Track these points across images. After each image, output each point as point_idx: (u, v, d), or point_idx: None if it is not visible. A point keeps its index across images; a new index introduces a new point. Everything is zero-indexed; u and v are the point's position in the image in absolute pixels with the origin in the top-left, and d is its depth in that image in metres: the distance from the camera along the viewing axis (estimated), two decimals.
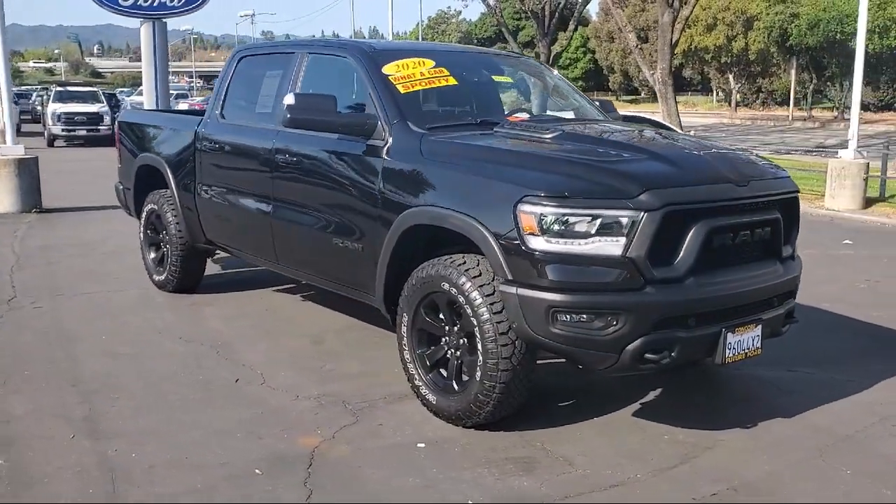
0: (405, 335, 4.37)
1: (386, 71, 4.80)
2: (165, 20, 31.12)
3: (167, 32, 30.15)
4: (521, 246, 3.74)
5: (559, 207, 3.67)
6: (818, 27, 39.71)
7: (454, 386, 4.17)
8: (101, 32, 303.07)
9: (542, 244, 3.70)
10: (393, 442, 4.02)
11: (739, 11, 45.19)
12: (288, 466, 3.73)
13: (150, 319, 6.03)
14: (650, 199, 3.65)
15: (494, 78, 5.56)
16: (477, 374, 3.95)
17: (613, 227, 3.65)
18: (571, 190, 3.70)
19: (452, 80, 4.95)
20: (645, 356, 3.73)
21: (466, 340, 4.09)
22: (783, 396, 4.71)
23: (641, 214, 3.63)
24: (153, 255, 6.98)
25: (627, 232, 3.64)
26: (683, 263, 3.75)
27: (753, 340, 4.03)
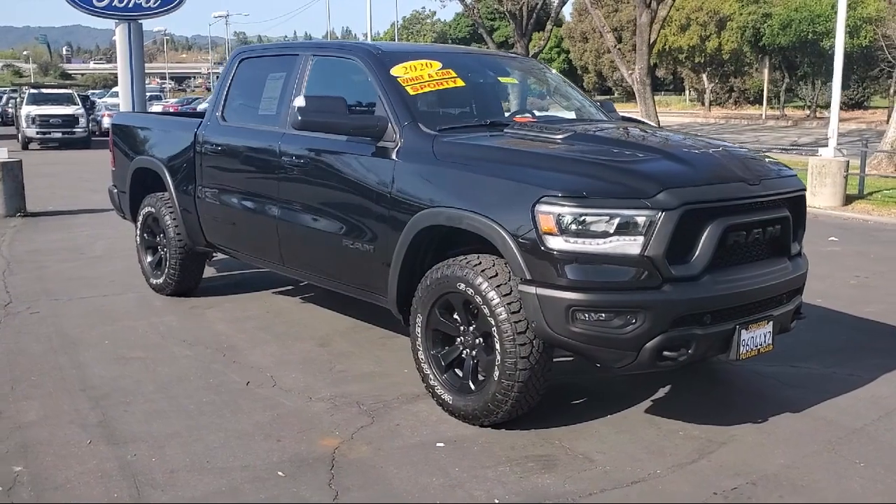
0: (419, 336, 4.39)
1: (394, 73, 4.82)
2: (141, 21, 30.83)
3: (143, 33, 29.83)
4: (539, 246, 3.77)
5: (578, 207, 3.71)
6: (790, 27, 40.20)
7: (470, 385, 4.19)
8: (70, 33, 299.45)
9: (560, 244, 3.73)
10: (412, 442, 4.03)
11: (712, 12, 45.63)
12: (310, 468, 3.74)
13: (152, 323, 5.99)
14: (668, 198, 3.70)
15: (500, 79, 5.60)
16: (495, 373, 3.98)
17: (632, 226, 3.69)
18: (590, 190, 3.74)
19: (460, 81, 4.98)
20: (663, 354, 3.78)
21: (483, 340, 4.12)
22: (788, 391, 4.79)
23: (659, 214, 3.68)
24: (150, 258, 6.94)
25: (645, 231, 3.68)
26: (700, 261, 3.81)
27: (765, 337, 4.10)
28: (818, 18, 39.49)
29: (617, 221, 3.69)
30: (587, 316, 3.74)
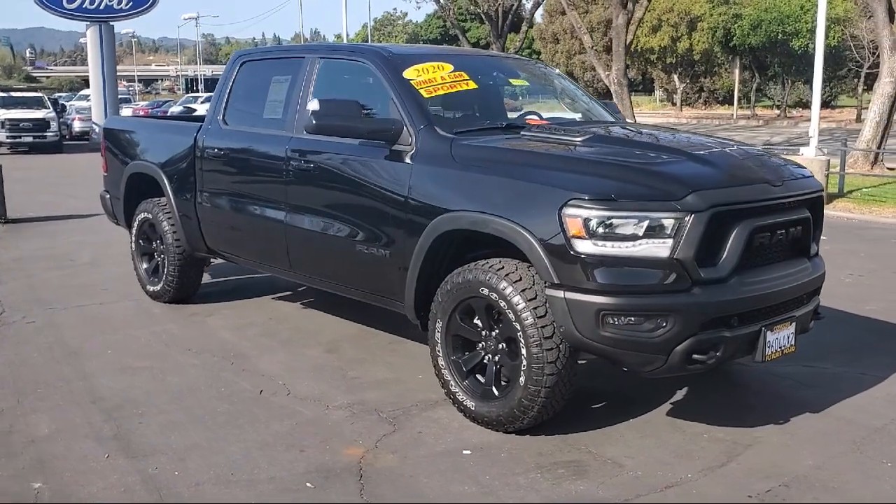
0: (439, 341, 4.33)
1: (407, 76, 4.76)
2: (113, 23, 30.30)
3: (114, 36, 29.31)
4: (567, 250, 3.73)
5: (607, 210, 3.68)
6: (760, 27, 40.69)
7: (494, 391, 4.15)
8: (32, 36, 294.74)
9: (589, 247, 3.70)
10: (438, 450, 3.98)
11: (683, 13, 45.99)
12: (338, 478, 3.67)
13: (153, 332, 5.87)
14: (696, 200, 3.69)
15: (511, 81, 5.56)
16: (521, 378, 3.93)
17: (661, 228, 3.66)
18: (619, 192, 3.71)
19: (472, 83, 4.93)
20: (692, 357, 3.76)
21: (506, 345, 4.08)
22: (803, 391, 4.80)
23: (689, 216, 3.66)
24: (146, 265, 6.81)
25: (675, 233, 3.66)
26: (727, 263, 3.79)
27: (789, 338, 4.11)
28: (787, 19, 40.01)
29: (646, 224, 3.67)
30: (617, 320, 3.71)
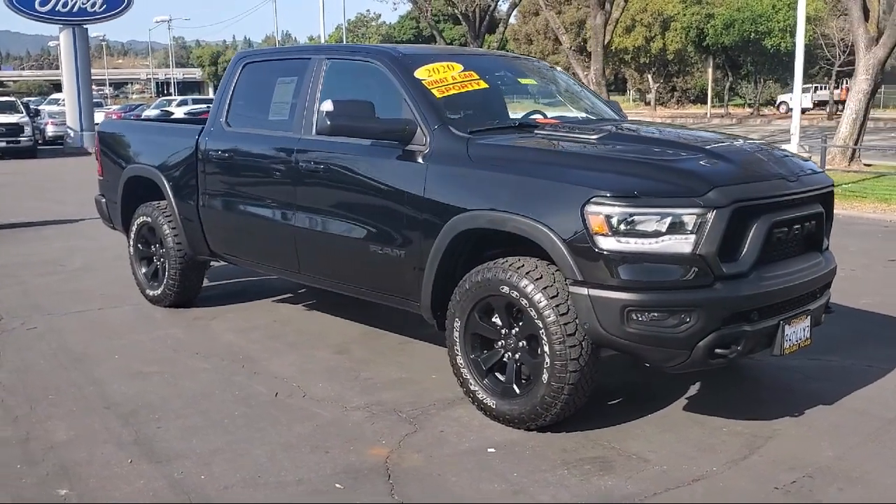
0: (457, 340, 4.34)
1: (419, 76, 4.76)
2: (86, 26, 29.93)
3: (88, 39, 28.94)
4: (590, 247, 3.76)
5: (629, 207, 3.71)
6: (733, 27, 41.16)
7: (515, 389, 4.16)
8: None
9: (612, 244, 3.73)
10: (462, 448, 3.98)
11: (657, 13, 46.41)
12: (367, 479, 3.66)
13: (158, 336, 5.82)
14: (718, 196, 3.73)
15: (520, 80, 5.58)
16: (543, 376, 3.95)
17: (683, 225, 3.70)
18: (641, 189, 3.74)
19: (483, 83, 4.94)
20: (715, 351, 3.80)
21: (527, 343, 4.09)
22: (813, 383, 4.86)
23: (711, 212, 3.70)
24: (145, 269, 6.75)
25: (697, 229, 3.70)
26: (748, 258, 3.84)
27: (804, 331, 4.16)
28: (760, 18, 40.51)
29: (669, 220, 3.70)
30: (641, 316, 3.74)
